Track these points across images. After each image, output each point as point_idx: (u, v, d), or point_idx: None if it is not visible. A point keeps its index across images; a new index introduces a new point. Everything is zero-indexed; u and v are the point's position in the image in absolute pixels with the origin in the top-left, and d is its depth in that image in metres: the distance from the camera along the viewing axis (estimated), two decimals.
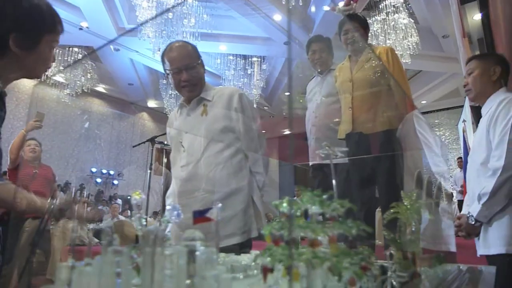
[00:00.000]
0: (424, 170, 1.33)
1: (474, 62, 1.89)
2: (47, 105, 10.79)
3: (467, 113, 5.77)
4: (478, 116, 2.07)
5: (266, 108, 11.16)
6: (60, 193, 6.59)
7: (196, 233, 0.57)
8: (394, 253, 0.82)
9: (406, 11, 7.70)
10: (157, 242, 0.53)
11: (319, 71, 2.84)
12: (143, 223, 0.73)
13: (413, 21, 7.78)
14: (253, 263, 0.85)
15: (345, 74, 2.43)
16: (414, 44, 7.56)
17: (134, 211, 0.79)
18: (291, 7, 6.35)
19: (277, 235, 0.56)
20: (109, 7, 8.08)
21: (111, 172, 12.43)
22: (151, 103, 12.93)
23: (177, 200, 1.75)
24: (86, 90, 10.12)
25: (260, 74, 9.80)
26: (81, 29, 8.59)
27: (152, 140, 3.77)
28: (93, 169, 11.97)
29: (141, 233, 0.70)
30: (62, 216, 1.17)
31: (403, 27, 7.51)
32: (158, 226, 0.75)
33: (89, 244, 0.79)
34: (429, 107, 12.49)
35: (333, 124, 2.49)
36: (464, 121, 6.38)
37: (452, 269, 1.13)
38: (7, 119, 1.14)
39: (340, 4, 2.78)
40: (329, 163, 0.84)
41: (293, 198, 0.64)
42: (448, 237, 1.51)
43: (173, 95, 10.33)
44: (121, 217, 8.51)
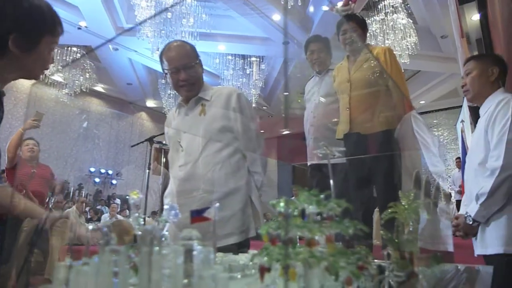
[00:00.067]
0: (422, 170, 1.34)
1: (472, 63, 1.89)
2: (45, 105, 10.78)
3: (465, 113, 5.77)
4: (476, 116, 2.07)
5: (265, 108, 11.17)
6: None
7: (193, 232, 0.57)
8: (391, 253, 0.82)
9: (405, 11, 7.72)
10: (154, 242, 0.53)
11: (317, 71, 2.84)
12: (141, 222, 0.73)
13: (411, 21, 7.80)
14: (251, 263, 0.85)
15: (343, 75, 2.43)
16: (412, 44, 7.58)
17: (133, 211, 0.79)
18: (289, 7, 6.36)
19: (274, 235, 0.56)
20: (107, 6, 8.07)
21: (110, 172, 12.43)
22: (150, 103, 12.92)
23: (175, 199, 1.75)
24: (84, 90, 10.12)
25: (259, 74, 9.80)
26: (79, 28, 8.57)
27: (150, 140, 3.76)
28: (92, 169, 11.97)
29: (139, 233, 0.69)
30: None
31: (402, 27, 7.53)
32: (156, 225, 0.75)
33: (87, 243, 0.79)
34: (428, 107, 12.51)
35: (332, 124, 2.49)
36: (462, 121, 6.39)
37: (450, 269, 1.13)
38: (5, 118, 1.14)
39: (339, 4, 2.78)
40: (327, 163, 0.84)
41: (291, 197, 0.65)
42: (446, 237, 1.51)
43: (172, 95, 10.33)
44: (119, 216, 8.52)
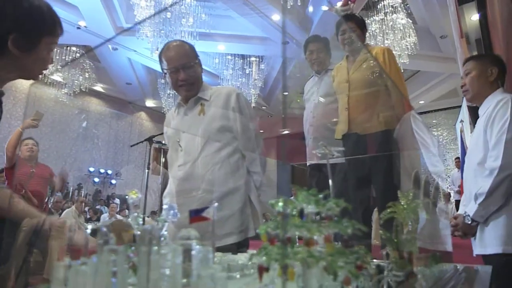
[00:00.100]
0: (421, 170, 1.34)
1: (472, 63, 1.89)
2: (44, 104, 10.76)
3: (464, 113, 5.78)
4: (475, 116, 2.07)
5: (264, 107, 11.17)
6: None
7: (192, 232, 0.57)
8: (390, 253, 0.82)
9: (404, 11, 7.73)
10: (153, 242, 0.53)
11: (316, 71, 2.84)
12: (139, 222, 0.73)
13: (411, 21, 7.81)
14: (250, 263, 0.86)
15: (342, 75, 2.43)
16: (412, 44, 7.59)
17: (132, 211, 0.79)
18: (289, 7, 6.35)
19: (272, 234, 0.56)
20: (107, 6, 8.07)
21: (109, 172, 12.42)
22: (149, 103, 12.92)
23: (174, 199, 1.75)
24: (84, 89, 10.12)
25: (258, 74, 9.81)
26: (79, 28, 8.57)
27: (150, 140, 3.76)
28: (91, 169, 11.97)
29: (138, 233, 0.69)
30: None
31: (401, 27, 7.54)
32: (155, 225, 0.75)
33: (86, 243, 0.79)
34: (427, 107, 12.53)
35: (331, 124, 2.49)
36: (461, 121, 6.39)
37: (448, 268, 1.13)
38: (4, 118, 1.14)
39: (338, 4, 2.79)
40: (326, 163, 0.84)
41: (290, 197, 0.64)
42: (445, 236, 1.51)
43: (171, 95, 10.33)
44: (118, 216, 8.52)
